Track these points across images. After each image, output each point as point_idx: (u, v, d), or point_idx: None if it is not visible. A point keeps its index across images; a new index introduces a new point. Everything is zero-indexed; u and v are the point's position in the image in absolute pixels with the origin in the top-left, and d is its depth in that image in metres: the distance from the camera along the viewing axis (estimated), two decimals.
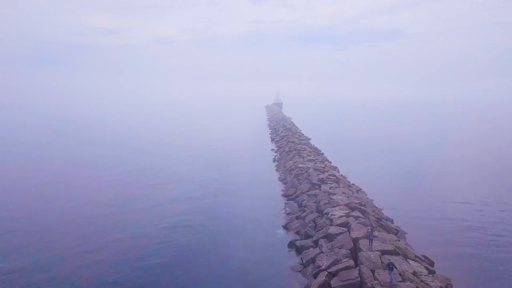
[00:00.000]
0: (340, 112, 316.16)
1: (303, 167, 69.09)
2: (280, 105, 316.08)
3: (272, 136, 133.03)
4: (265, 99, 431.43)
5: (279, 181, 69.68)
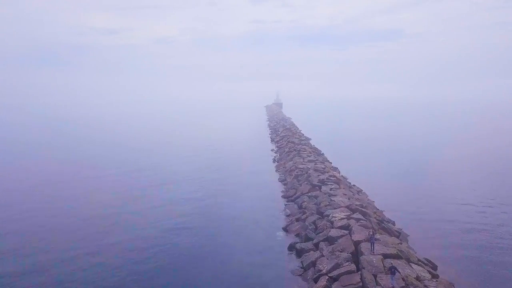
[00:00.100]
0: (340, 112, 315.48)
1: (303, 168, 68.42)
2: (280, 105, 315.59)
3: (272, 136, 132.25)
4: (265, 99, 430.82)
5: (279, 182, 68.99)
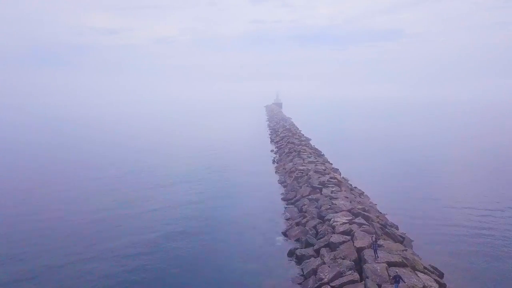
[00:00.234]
0: (340, 112, 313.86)
1: (303, 169, 66.91)
2: (280, 105, 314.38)
3: (272, 137, 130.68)
4: (265, 99, 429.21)
5: (279, 184, 67.50)
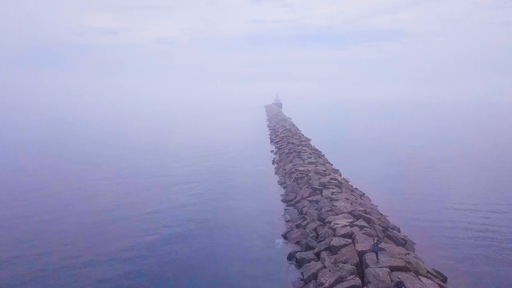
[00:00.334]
0: (340, 112, 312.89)
1: (304, 170, 66.21)
2: (280, 105, 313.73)
3: (272, 137, 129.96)
4: (265, 99, 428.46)
5: (279, 185, 66.80)
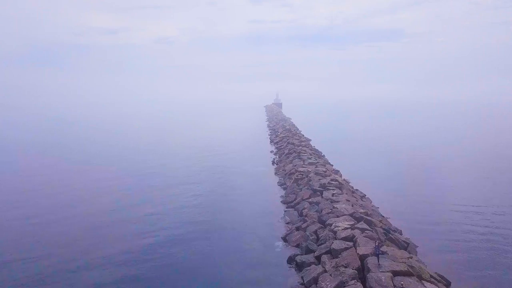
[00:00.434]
0: (341, 112, 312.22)
1: (304, 171, 65.44)
2: (280, 105, 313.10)
3: (272, 137, 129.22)
4: (265, 99, 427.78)
5: (278, 186, 66.03)
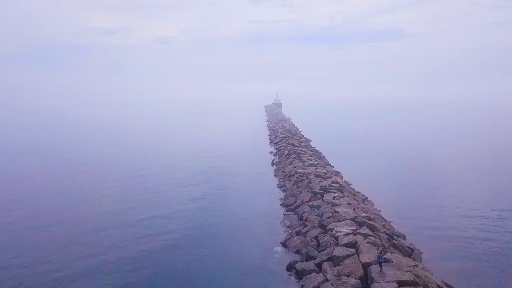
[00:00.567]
0: (340, 112, 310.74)
1: (304, 173, 64.01)
2: (280, 105, 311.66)
3: (271, 138, 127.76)
4: (265, 99, 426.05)
5: (278, 188, 64.58)
